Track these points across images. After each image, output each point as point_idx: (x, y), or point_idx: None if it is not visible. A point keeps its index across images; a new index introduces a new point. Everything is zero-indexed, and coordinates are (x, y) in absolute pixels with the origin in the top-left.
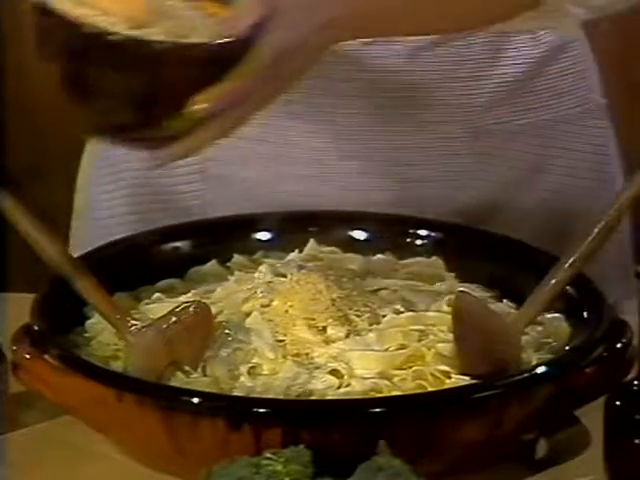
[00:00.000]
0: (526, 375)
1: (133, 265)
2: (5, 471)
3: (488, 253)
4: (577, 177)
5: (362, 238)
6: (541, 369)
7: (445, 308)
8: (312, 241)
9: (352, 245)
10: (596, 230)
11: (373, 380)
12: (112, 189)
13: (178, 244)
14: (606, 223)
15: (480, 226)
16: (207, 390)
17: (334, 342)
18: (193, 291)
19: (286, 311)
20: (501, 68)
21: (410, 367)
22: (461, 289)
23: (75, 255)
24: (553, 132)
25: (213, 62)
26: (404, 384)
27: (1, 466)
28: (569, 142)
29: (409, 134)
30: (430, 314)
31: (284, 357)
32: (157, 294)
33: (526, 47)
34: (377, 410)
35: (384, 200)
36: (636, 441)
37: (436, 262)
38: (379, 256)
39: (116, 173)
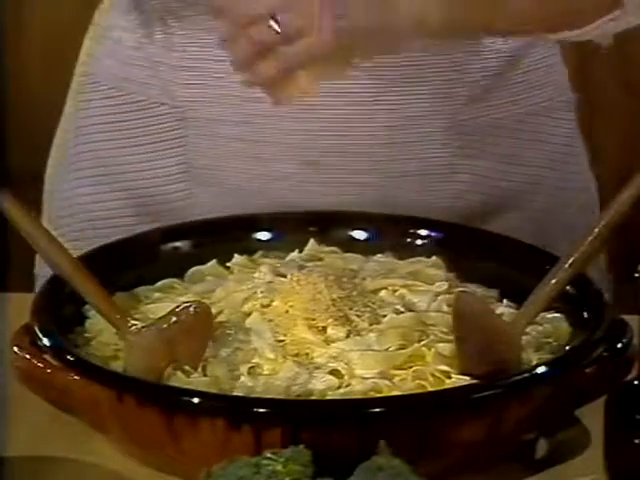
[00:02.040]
0: (526, 375)
1: (133, 265)
2: (5, 471)
3: (488, 253)
4: (547, 168)
5: (362, 238)
6: (541, 369)
7: (445, 308)
8: (312, 241)
9: (352, 245)
10: (596, 230)
11: (373, 380)
12: (92, 192)
13: (178, 244)
14: (606, 223)
15: (456, 219)
16: (207, 390)
17: (334, 342)
18: (193, 291)
19: (286, 311)
20: (481, 62)
21: (410, 367)
22: (461, 289)
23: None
24: (525, 125)
25: None
26: (404, 384)
27: (1, 466)
28: (540, 135)
29: (391, 130)
30: (430, 314)
31: (284, 357)
32: (157, 294)
33: (502, 39)
34: (377, 410)
35: (366, 196)
36: (636, 441)
37: (436, 262)
38: (379, 256)
39: (97, 176)
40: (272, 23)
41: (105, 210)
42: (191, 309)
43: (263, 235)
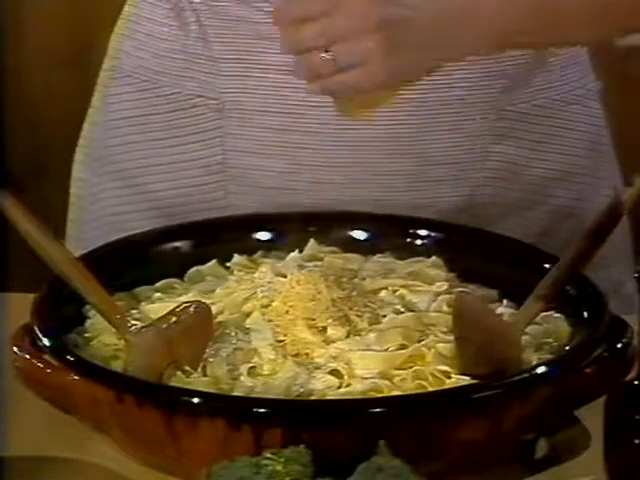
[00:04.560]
0: (526, 375)
1: (133, 265)
2: (5, 471)
3: (488, 253)
4: (575, 156)
5: (362, 238)
6: (541, 369)
7: (445, 308)
8: (312, 241)
9: (352, 245)
10: (596, 230)
11: (373, 380)
12: (120, 185)
13: (178, 244)
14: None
15: (492, 207)
16: (207, 390)
17: (334, 342)
18: (193, 291)
19: (286, 311)
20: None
21: (410, 367)
22: (461, 289)
23: (75, 252)
24: (557, 112)
25: None
26: (404, 384)
27: (1, 466)
28: (570, 122)
29: (430, 116)
30: (430, 314)
31: (284, 357)
32: (157, 294)
33: None
34: (377, 410)
35: (403, 184)
36: (636, 441)
37: (436, 262)
38: (379, 256)
39: (125, 170)
40: (325, 55)
41: (131, 204)
42: (191, 309)
43: (263, 235)
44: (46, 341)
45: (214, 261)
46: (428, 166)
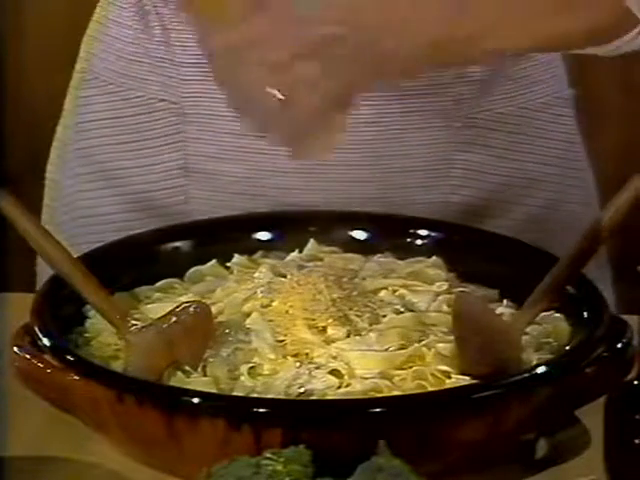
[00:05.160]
0: (526, 375)
1: (133, 265)
2: (5, 471)
3: (488, 253)
4: (546, 164)
5: (362, 238)
6: (541, 369)
7: (445, 308)
8: (312, 241)
9: (352, 245)
10: (596, 231)
11: (373, 380)
12: (93, 187)
13: (178, 244)
14: (605, 224)
15: (453, 215)
16: (207, 390)
17: (334, 342)
18: (193, 291)
19: (286, 311)
20: None
21: (410, 367)
22: (461, 289)
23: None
24: (527, 120)
25: None
26: (404, 384)
27: (1, 466)
28: (541, 130)
29: (393, 124)
30: (430, 314)
31: (284, 357)
32: (157, 294)
33: None
34: (377, 410)
35: (368, 192)
36: (636, 441)
37: (436, 262)
38: (379, 256)
39: (97, 172)
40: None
41: (104, 206)
42: (191, 309)
43: (263, 235)
44: (46, 341)
45: (214, 261)
46: (396, 173)
